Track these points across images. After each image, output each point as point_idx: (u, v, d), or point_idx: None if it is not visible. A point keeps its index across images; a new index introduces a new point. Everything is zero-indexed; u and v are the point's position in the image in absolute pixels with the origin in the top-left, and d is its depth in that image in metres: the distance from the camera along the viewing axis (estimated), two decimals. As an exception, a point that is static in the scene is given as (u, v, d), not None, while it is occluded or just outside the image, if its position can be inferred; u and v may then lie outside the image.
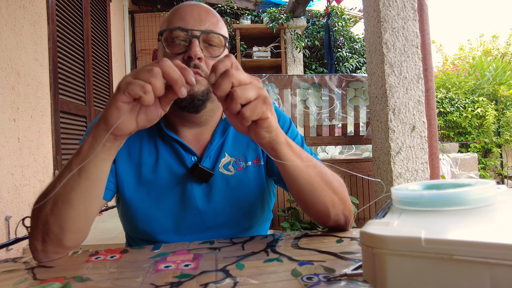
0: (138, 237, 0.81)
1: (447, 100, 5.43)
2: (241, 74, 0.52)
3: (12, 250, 2.11)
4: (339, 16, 5.12)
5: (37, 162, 2.34)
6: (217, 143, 0.81)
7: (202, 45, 0.73)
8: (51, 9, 2.57)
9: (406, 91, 2.05)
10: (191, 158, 0.79)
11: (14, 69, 2.14)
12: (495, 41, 12.88)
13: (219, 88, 0.51)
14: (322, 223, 0.72)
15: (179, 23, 0.73)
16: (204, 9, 0.76)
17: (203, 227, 0.79)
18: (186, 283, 0.47)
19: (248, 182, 0.81)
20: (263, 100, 0.53)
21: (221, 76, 0.51)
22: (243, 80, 0.52)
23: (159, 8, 4.95)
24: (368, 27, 2.21)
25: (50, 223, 0.58)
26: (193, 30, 0.72)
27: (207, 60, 0.73)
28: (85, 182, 0.58)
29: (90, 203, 0.61)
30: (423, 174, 2.05)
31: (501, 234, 0.33)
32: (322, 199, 0.67)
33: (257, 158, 0.83)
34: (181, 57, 0.71)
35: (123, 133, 0.55)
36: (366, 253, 0.39)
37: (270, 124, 0.56)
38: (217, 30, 0.74)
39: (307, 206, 0.70)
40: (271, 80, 2.74)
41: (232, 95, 0.51)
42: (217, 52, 0.75)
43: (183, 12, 0.74)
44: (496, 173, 5.65)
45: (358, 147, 3.38)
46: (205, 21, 0.73)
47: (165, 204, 0.77)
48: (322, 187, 0.66)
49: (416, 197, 0.43)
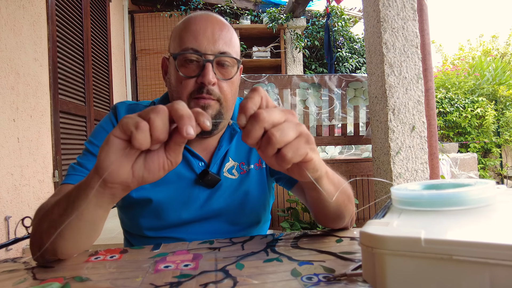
0: (139, 234, 0.82)
1: (446, 100, 5.43)
2: (273, 114, 0.44)
3: (11, 250, 2.11)
4: (339, 16, 5.12)
5: (36, 162, 2.34)
6: (224, 149, 0.82)
7: (215, 67, 0.73)
8: (51, 9, 2.57)
9: (406, 91, 2.05)
10: (199, 163, 0.80)
11: (14, 69, 2.14)
12: (495, 41, 12.90)
13: (250, 136, 0.43)
14: (332, 228, 0.72)
15: (192, 43, 0.72)
16: (217, 25, 0.74)
17: (206, 227, 0.81)
18: (185, 283, 0.47)
19: (251, 185, 0.82)
20: (306, 140, 0.46)
21: (250, 122, 0.43)
22: (277, 120, 0.44)
23: (159, 8, 4.95)
24: (368, 27, 2.21)
25: (45, 242, 0.56)
26: (206, 54, 0.71)
27: (219, 83, 0.73)
28: (76, 222, 0.52)
29: (80, 241, 0.57)
30: (422, 174, 2.05)
31: (500, 234, 0.33)
32: (344, 213, 0.67)
33: (259, 161, 0.85)
34: (194, 80, 0.72)
35: (114, 180, 0.45)
36: (366, 253, 0.39)
37: (315, 165, 0.49)
38: (230, 49, 0.74)
39: (326, 221, 0.69)
40: (271, 80, 2.74)
41: (270, 140, 0.43)
42: (231, 73, 0.75)
43: (196, 30, 0.72)
44: (496, 173, 5.66)
45: (357, 147, 3.38)
46: (218, 41, 0.72)
47: (171, 206, 0.79)
48: (346, 203, 0.67)
49: (416, 197, 0.43)
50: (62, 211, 0.53)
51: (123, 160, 0.44)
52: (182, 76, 0.72)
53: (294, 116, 0.47)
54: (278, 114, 0.44)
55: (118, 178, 0.44)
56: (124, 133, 0.42)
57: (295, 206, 2.43)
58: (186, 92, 0.72)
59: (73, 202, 0.51)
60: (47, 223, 0.56)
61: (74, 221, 0.51)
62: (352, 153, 3.39)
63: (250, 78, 2.74)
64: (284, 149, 0.44)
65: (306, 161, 0.47)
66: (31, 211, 2.24)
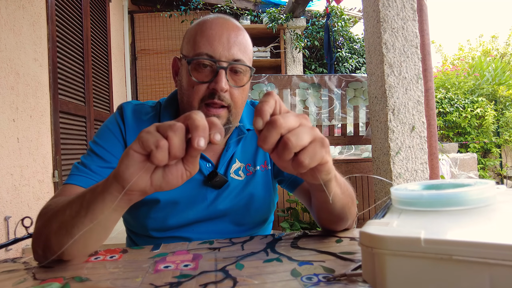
0: (145, 234, 0.82)
1: (446, 100, 5.44)
2: (289, 119, 0.45)
3: (11, 250, 2.11)
4: (339, 16, 5.12)
5: (36, 162, 2.34)
6: (232, 151, 0.82)
7: (228, 74, 0.73)
8: (51, 9, 2.57)
9: (406, 91, 2.05)
10: (206, 165, 0.80)
11: (14, 69, 2.14)
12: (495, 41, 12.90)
13: (267, 141, 0.44)
14: (335, 230, 0.72)
15: (207, 48, 0.71)
16: (233, 32, 0.74)
17: (211, 227, 0.81)
18: (185, 283, 0.47)
19: (257, 186, 0.83)
20: (321, 143, 0.46)
21: (267, 128, 0.44)
22: (292, 126, 0.45)
23: (159, 8, 4.95)
24: (368, 27, 2.21)
25: (52, 242, 0.57)
26: (220, 61, 0.71)
27: (231, 89, 0.73)
28: (89, 225, 0.53)
29: (91, 243, 0.58)
30: (422, 174, 2.05)
31: (500, 234, 0.33)
32: (347, 215, 0.68)
33: (265, 163, 0.85)
34: (206, 86, 0.72)
35: (133, 189, 0.47)
36: (366, 253, 0.39)
37: (329, 167, 0.50)
38: (244, 56, 0.74)
39: (330, 223, 0.70)
40: (271, 80, 2.74)
41: (286, 145, 0.44)
42: (243, 81, 0.75)
43: (212, 35, 0.72)
44: (496, 173, 5.66)
45: (357, 147, 3.38)
46: (233, 47, 0.72)
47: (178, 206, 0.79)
48: (350, 206, 0.67)
49: (416, 197, 0.43)
50: (75, 213, 0.53)
51: (142, 171, 0.45)
52: (194, 81, 0.72)
53: (308, 120, 0.48)
54: (293, 120, 0.46)
55: (137, 187, 0.46)
56: (144, 150, 0.44)
57: (295, 206, 2.43)
58: (197, 97, 0.73)
59: (87, 205, 0.52)
60: (57, 223, 0.56)
61: (87, 223, 0.52)
62: (352, 153, 3.39)
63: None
64: (301, 155, 0.45)
65: (322, 164, 0.48)
66: (30, 211, 2.24)
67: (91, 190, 0.53)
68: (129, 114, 0.80)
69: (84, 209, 0.52)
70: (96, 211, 0.51)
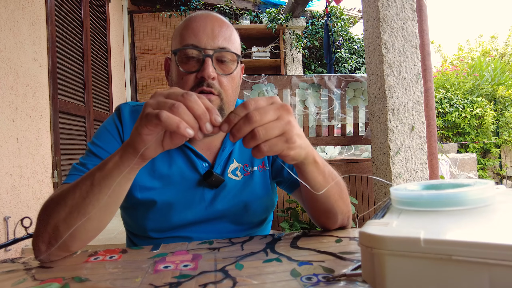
0: (144, 235, 0.82)
1: (446, 101, 5.44)
2: (266, 115, 0.49)
3: (10, 250, 2.11)
4: (338, 16, 5.12)
5: (36, 163, 2.34)
6: (228, 150, 0.82)
7: (215, 63, 0.74)
8: (50, 9, 2.56)
9: (405, 92, 2.05)
10: (203, 164, 0.80)
11: (13, 69, 2.14)
12: (494, 41, 12.91)
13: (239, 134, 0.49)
14: (327, 228, 0.74)
15: (192, 39, 0.73)
16: (217, 22, 0.76)
17: (210, 228, 0.81)
18: (185, 283, 0.47)
19: (254, 186, 0.83)
20: (286, 140, 0.50)
21: (243, 121, 0.48)
22: (268, 120, 0.49)
23: (158, 8, 4.94)
24: (367, 28, 2.21)
25: (61, 230, 0.58)
26: (206, 49, 0.73)
27: (219, 78, 0.74)
28: (105, 199, 0.57)
29: (105, 217, 0.62)
30: (422, 174, 2.05)
31: (500, 234, 0.33)
32: (335, 208, 0.69)
33: (263, 164, 0.85)
34: (194, 75, 0.73)
35: (150, 157, 0.54)
36: (365, 253, 0.39)
37: (294, 158, 0.54)
38: (230, 45, 0.75)
39: (318, 215, 0.72)
40: (270, 80, 2.74)
41: (254, 136, 0.48)
42: (230, 69, 0.76)
43: (196, 27, 0.74)
44: (495, 173, 5.66)
45: (357, 148, 3.38)
46: (218, 37, 0.74)
47: (176, 207, 0.79)
48: (336, 198, 0.68)
49: (415, 197, 0.43)
50: (85, 193, 0.57)
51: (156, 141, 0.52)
52: (182, 71, 0.74)
53: (288, 112, 0.51)
54: (271, 114, 0.49)
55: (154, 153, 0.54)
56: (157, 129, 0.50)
57: (295, 207, 2.43)
58: (187, 87, 0.74)
59: (99, 181, 0.56)
60: (67, 208, 0.58)
61: (102, 198, 0.56)
62: (352, 154, 3.39)
63: (249, 79, 2.74)
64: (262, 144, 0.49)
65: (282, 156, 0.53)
66: (30, 212, 2.24)
67: (99, 168, 0.57)
68: (126, 115, 0.81)
69: (96, 186, 0.56)
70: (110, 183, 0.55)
